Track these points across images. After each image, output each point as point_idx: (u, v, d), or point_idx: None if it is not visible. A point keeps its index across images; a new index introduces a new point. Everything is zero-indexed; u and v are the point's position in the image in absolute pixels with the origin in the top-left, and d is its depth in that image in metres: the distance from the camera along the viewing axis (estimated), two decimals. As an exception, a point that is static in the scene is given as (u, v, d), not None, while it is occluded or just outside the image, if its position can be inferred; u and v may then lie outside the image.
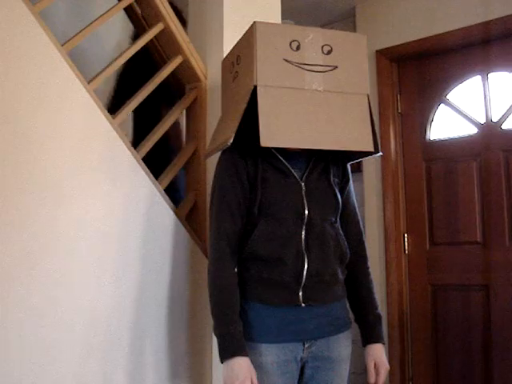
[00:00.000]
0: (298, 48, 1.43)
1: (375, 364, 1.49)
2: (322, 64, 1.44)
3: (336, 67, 1.44)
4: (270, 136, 1.35)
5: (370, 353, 1.50)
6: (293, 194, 1.42)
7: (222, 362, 1.34)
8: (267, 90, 1.39)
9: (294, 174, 1.44)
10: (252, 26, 1.41)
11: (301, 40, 1.44)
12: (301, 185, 1.43)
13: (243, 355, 1.32)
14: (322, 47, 1.44)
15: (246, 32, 1.44)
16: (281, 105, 1.39)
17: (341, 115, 1.43)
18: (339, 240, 1.47)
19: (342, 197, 1.51)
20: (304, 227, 1.41)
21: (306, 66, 1.43)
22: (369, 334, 1.51)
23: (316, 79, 1.43)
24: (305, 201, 1.42)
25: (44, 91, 1.41)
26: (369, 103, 1.44)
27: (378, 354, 1.49)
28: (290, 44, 1.43)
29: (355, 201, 1.58)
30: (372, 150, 1.42)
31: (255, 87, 1.36)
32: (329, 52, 1.44)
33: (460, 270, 2.68)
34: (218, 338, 1.36)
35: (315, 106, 1.42)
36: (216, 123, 1.70)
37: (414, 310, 2.84)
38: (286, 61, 1.43)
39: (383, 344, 1.51)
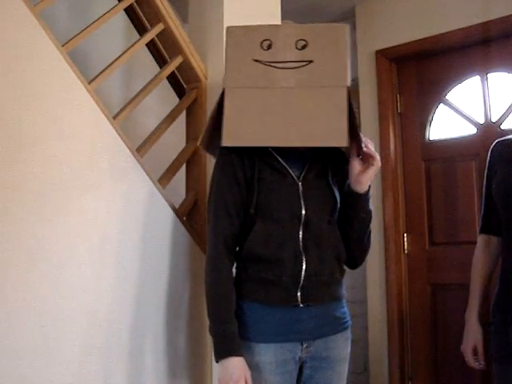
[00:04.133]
0: (269, 47, 1.43)
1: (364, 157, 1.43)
2: (294, 60, 1.41)
3: (311, 61, 1.41)
4: (232, 136, 1.37)
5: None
6: (290, 194, 1.42)
7: (217, 362, 1.35)
8: (234, 92, 1.41)
9: (292, 173, 1.44)
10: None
11: (273, 38, 1.43)
12: (298, 184, 1.43)
13: (238, 355, 1.33)
14: (296, 43, 1.42)
15: None
16: (248, 105, 1.41)
17: (314, 111, 1.39)
18: (336, 240, 1.46)
19: (342, 194, 1.51)
20: (301, 227, 1.41)
21: (277, 64, 1.42)
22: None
23: (288, 76, 1.41)
24: (302, 201, 1.42)
25: (44, 91, 1.42)
26: (348, 95, 1.37)
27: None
28: (261, 44, 1.43)
29: None
30: (345, 145, 1.35)
31: None
32: (303, 47, 1.42)
33: (459, 269, 2.66)
34: (213, 338, 1.37)
35: (285, 103, 1.40)
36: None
37: (414, 309, 2.84)
38: (256, 61, 1.43)
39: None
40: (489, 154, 1.72)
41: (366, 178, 1.42)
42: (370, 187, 1.45)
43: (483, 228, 1.75)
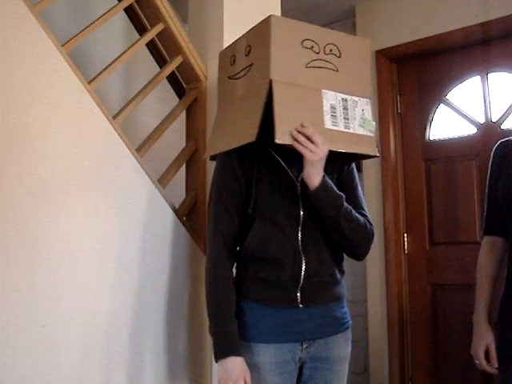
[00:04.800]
0: (234, 61, 1.50)
1: None
2: (244, 67, 1.45)
3: (252, 64, 1.42)
4: (208, 149, 1.57)
5: None
6: (288, 195, 1.42)
7: (217, 362, 1.35)
8: (218, 111, 1.59)
9: (291, 174, 1.43)
10: None
11: (235, 52, 1.51)
12: (296, 185, 1.43)
13: (237, 355, 1.33)
14: (245, 49, 1.45)
15: None
16: (220, 121, 1.55)
17: (245, 112, 1.42)
18: (333, 240, 1.46)
19: (339, 187, 1.48)
20: (300, 228, 1.41)
21: (237, 76, 1.49)
22: None
23: (241, 85, 1.47)
24: (300, 201, 1.42)
25: (44, 91, 1.42)
26: (269, 89, 1.32)
27: None
28: (230, 60, 1.52)
29: (359, 192, 1.52)
30: (253, 140, 1.31)
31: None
32: (249, 52, 1.44)
33: (460, 269, 2.68)
34: (212, 337, 1.38)
35: (235, 113, 1.48)
36: (216, 123, 1.72)
37: (414, 309, 2.84)
38: (229, 78, 1.52)
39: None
40: (492, 155, 1.70)
41: (304, 175, 1.34)
42: (322, 182, 1.34)
43: (487, 230, 1.72)
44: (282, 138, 1.30)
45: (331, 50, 1.42)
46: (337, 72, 1.43)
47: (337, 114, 1.40)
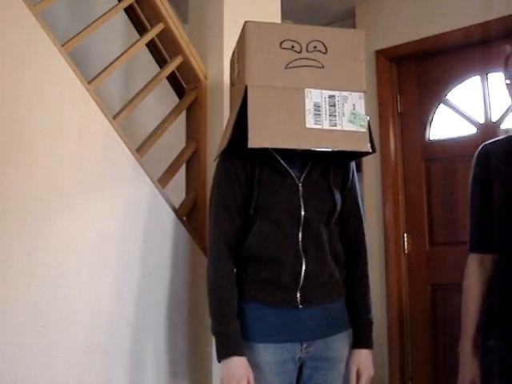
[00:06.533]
0: (233, 68, 1.58)
1: (358, 369, 1.45)
2: (237, 73, 1.50)
3: (239, 72, 1.47)
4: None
5: (354, 357, 1.46)
6: (289, 195, 1.42)
7: (220, 362, 1.35)
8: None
9: (293, 174, 1.44)
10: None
11: (234, 58, 1.57)
12: (298, 186, 1.43)
13: (240, 355, 1.33)
14: (237, 56, 1.52)
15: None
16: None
17: (228, 120, 1.54)
18: (333, 241, 1.46)
19: (343, 195, 1.50)
20: (300, 228, 1.41)
21: (234, 82, 1.56)
22: (356, 338, 1.47)
23: (235, 91, 1.54)
24: (301, 202, 1.42)
25: (44, 91, 1.42)
26: (245, 94, 1.36)
27: (362, 359, 1.45)
28: (232, 66, 1.58)
29: (358, 198, 1.54)
30: (224, 148, 1.44)
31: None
32: (238, 59, 1.49)
33: (459, 269, 2.63)
34: (215, 337, 1.38)
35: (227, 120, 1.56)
36: (216, 123, 1.72)
37: (414, 309, 2.84)
38: (232, 84, 1.59)
39: (371, 349, 1.48)
40: (477, 160, 1.59)
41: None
42: (371, 346, 1.48)
43: (475, 246, 1.57)
44: (255, 143, 1.32)
45: (315, 47, 1.39)
46: (322, 69, 1.39)
47: (321, 113, 1.36)
